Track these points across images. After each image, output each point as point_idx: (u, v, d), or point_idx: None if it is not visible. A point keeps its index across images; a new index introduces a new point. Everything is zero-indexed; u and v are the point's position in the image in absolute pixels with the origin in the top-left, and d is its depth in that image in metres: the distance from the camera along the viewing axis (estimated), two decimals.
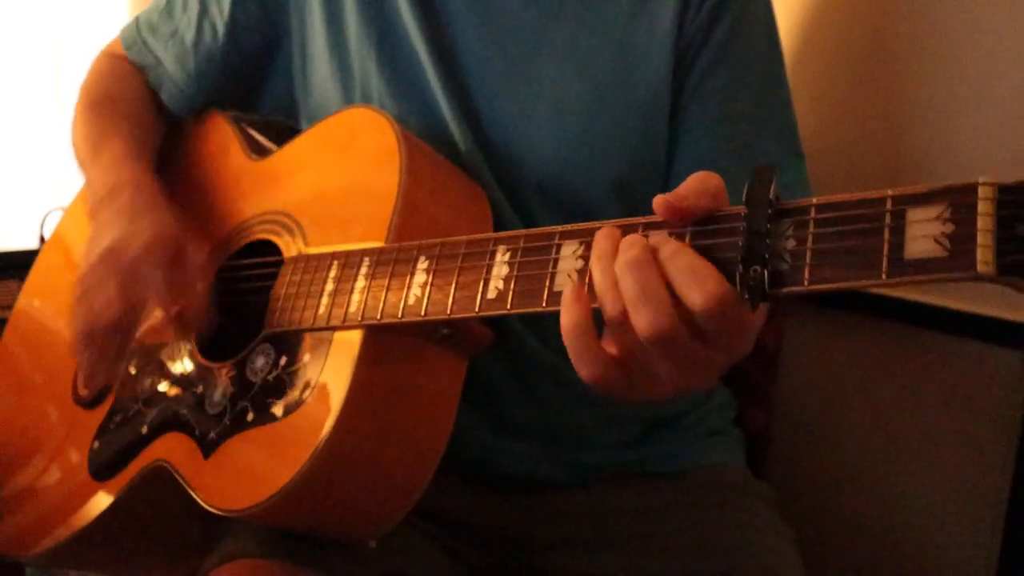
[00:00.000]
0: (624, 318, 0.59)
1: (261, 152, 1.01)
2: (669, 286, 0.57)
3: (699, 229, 0.59)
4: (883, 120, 1.15)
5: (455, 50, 0.94)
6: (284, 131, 1.09)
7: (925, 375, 1.12)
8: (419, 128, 0.92)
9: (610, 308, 0.60)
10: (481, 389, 0.91)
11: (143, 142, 1.05)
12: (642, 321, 0.57)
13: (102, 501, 0.91)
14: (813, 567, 0.95)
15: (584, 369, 0.62)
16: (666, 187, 0.92)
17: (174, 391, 0.91)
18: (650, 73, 0.91)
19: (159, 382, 0.93)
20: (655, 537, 0.95)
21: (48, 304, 1.11)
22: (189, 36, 1.05)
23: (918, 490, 1.13)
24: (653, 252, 0.58)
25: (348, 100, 0.98)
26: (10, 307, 1.12)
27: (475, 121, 0.93)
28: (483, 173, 0.91)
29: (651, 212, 0.60)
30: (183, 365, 0.92)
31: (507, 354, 0.93)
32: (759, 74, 0.94)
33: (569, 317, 0.61)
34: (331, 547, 0.85)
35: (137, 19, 1.12)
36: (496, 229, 0.88)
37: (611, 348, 0.62)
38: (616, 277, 0.59)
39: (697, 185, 0.60)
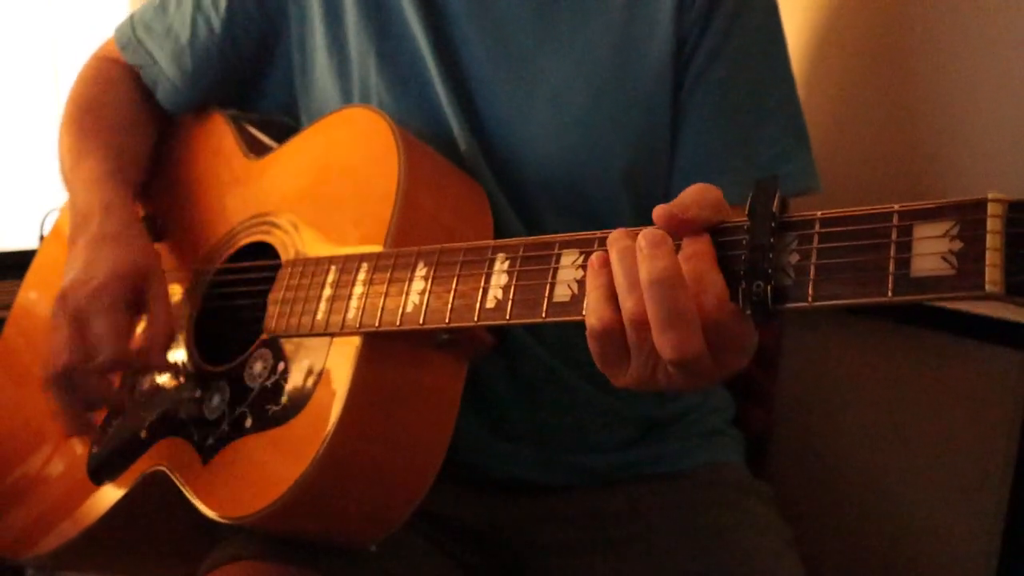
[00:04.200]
0: (642, 319, 0.58)
1: (259, 151, 1.00)
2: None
3: None
4: (896, 121, 1.14)
5: (456, 46, 0.93)
6: (285, 129, 1.08)
7: (925, 375, 1.12)
8: (418, 126, 0.91)
9: (632, 307, 0.58)
10: (479, 391, 0.91)
11: (125, 153, 1.02)
12: (667, 342, 0.56)
13: (101, 504, 0.91)
14: (812, 567, 0.94)
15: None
16: (670, 181, 0.93)
17: (172, 395, 0.90)
18: (650, 65, 0.90)
19: (157, 385, 0.92)
20: (655, 538, 0.94)
21: (45, 298, 1.10)
22: (184, 33, 1.03)
23: (918, 490, 1.13)
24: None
25: (346, 97, 0.97)
26: (10, 307, 1.11)
27: (475, 118, 0.92)
28: (483, 172, 0.90)
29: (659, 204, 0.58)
30: (181, 368, 0.91)
31: (505, 356, 0.92)
32: (759, 63, 0.92)
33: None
34: (330, 549, 0.84)
35: (131, 17, 1.09)
36: (497, 232, 0.87)
37: None
38: (638, 276, 0.58)
39: (698, 196, 0.59)
